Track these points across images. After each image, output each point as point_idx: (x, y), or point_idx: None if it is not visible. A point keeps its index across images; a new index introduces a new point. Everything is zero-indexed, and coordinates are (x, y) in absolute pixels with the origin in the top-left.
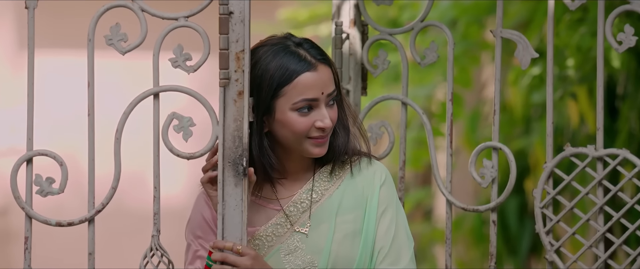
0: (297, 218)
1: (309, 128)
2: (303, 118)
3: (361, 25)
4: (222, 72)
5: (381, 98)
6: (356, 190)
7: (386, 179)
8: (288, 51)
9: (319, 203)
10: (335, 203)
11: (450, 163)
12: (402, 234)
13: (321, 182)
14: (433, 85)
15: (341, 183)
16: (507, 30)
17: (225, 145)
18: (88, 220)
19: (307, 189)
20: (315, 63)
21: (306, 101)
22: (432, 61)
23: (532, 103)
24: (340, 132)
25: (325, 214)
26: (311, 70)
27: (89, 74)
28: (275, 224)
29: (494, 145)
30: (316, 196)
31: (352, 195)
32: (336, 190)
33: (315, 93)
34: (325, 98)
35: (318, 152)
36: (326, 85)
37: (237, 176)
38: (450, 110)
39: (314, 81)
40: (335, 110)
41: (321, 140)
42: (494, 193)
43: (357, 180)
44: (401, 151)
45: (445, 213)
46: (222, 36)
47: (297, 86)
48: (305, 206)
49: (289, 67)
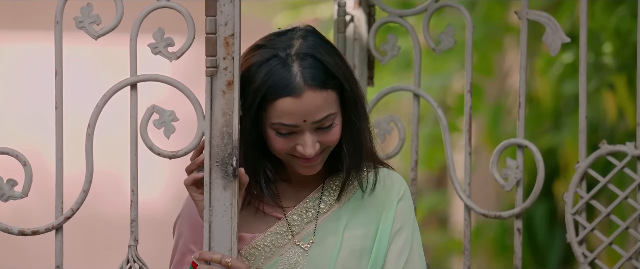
0: (300, 228)
1: (289, 149)
2: (281, 139)
3: (367, 6)
4: (209, 60)
5: (390, 89)
6: (370, 203)
7: (405, 194)
8: (280, 64)
9: (327, 215)
10: (345, 216)
11: (468, 163)
12: (415, 259)
13: (331, 191)
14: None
15: (354, 194)
16: (535, 12)
17: (212, 142)
18: (55, 227)
19: (315, 198)
20: (301, 88)
21: (283, 126)
22: (448, 47)
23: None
24: (349, 149)
25: (332, 227)
26: (293, 96)
27: (57, 61)
28: (275, 233)
29: (518, 143)
30: (324, 206)
31: (365, 210)
32: (348, 201)
33: (294, 120)
34: (310, 126)
35: (306, 171)
36: (310, 113)
37: (226, 178)
38: (468, 102)
39: (294, 108)
40: (334, 132)
41: (307, 162)
42: (519, 198)
43: (372, 193)
44: (413, 149)
45: (463, 220)
46: (208, 18)
47: (275, 108)
48: (311, 216)
49: (274, 84)
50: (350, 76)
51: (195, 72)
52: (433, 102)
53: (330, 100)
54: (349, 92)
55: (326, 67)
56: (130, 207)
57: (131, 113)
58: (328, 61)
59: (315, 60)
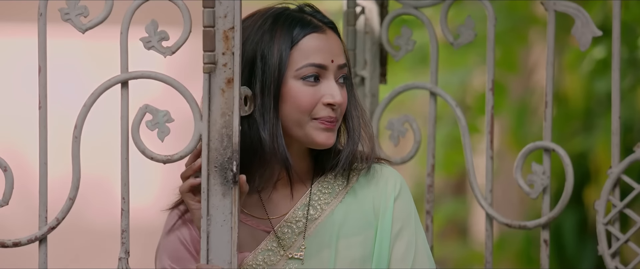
0: (291, 242)
1: (315, 103)
2: (309, 88)
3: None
4: (207, 55)
5: (405, 87)
6: (365, 204)
7: (401, 189)
8: (288, 15)
9: (318, 221)
10: (338, 222)
11: (490, 168)
12: (422, 258)
13: (320, 194)
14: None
15: (346, 195)
16: (563, 2)
17: (210, 145)
18: (39, 239)
19: (304, 204)
20: (322, 26)
21: (313, 67)
22: (468, 41)
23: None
24: (347, 134)
25: (325, 236)
26: (319, 32)
27: (40, 57)
28: (266, 250)
29: (545, 146)
30: (314, 212)
31: (360, 211)
32: (339, 204)
33: (323, 58)
34: (336, 71)
35: (324, 139)
36: (337, 55)
37: (226, 185)
38: (490, 101)
39: (322, 45)
40: (346, 92)
41: (329, 123)
42: (546, 206)
43: (365, 192)
44: (429, 153)
45: (485, 230)
46: (206, 10)
47: (302, 48)
48: (301, 225)
49: (292, 29)
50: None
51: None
52: (451, 101)
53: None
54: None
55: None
56: (120, 216)
57: (122, 114)
58: None
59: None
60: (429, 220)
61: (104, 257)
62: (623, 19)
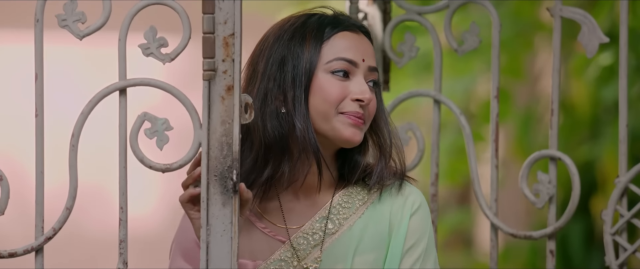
0: (306, 253)
1: (343, 97)
2: (338, 82)
3: (383, 3)
4: (207, 62)
5: (408, 94)
6: (382, 220)
7: (420, 207)
8: (320, 16)
9: (335, 236)
10: (355, 238)
11: (495, 177)
12: None
13: (340, 208)
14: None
15: (365, 210)
16: (569, 8)
17: (210, 154)
18: (35, 249)
19: (322, 217)
20: (354, 29)
21: (343, 61)
22: (473, 47)
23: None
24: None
25: (341, 251)
26: (351, 31)
27: (37, 64)
28: (280, 260)
29: (551, 154)
30: (332, 226)
31: (376, 228)
32: (358, 219)
33: (355, 55)
34: (366, 71)
35: (350, 134)
36: (368, 55)
37: (226, 194)
38: (495, 109)
39: (355, 43)
40: (376, 98)
41: (357, 118)
42: (552, 216)
43: (384, 208)
44: (433, 161)
45: (490, 240)
46: (206, 16)
47: (333, 44)
48: (318, 238)
49: (324, 27)
50: None
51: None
52: (455, 109)
53: (375, 56)
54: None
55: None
56: (118, 226)
57: (120, 122)
58: None
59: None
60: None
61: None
62: (630, 25)
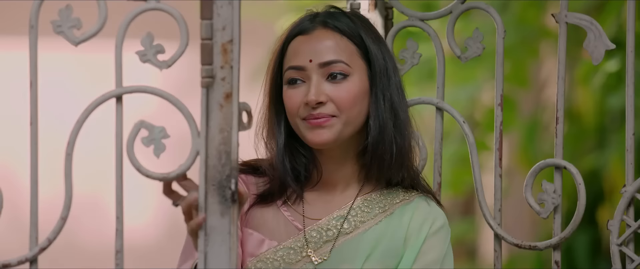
0: (317, 246)
1: (299, 104)
2: (293, 91)
3: (384, 9)
4: (205, 69)
5: (410, 102)
6: (398, 232)
7: (440, 229)
8: (306, 15)
9: (349, 237)
10: (369, 243)
11: (499, 187)
12: None
13: (359, 211)
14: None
15: (384, 219)
16: (575, 14)
17: (208, 162)
18: (30, 260)
19: (340, 216)
20: (313, 27)
21: (291, 70)
22: (476, 54)
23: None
24: (375, 126)
25: (352, 252)
26: (304, 34)
27: (31, 71)
28: (289, 248)
29: (556, 163)
30: (348, 226)
31: (392, 239)
32: (375, 225)
33: (300, 60)
34: (318, 69)
35: (312, 137)
36: (317, 52)
37: (224, 204)
38: (499, 117)
39: (302, 46)
40: (345, 87)
41: (313, 121)
42: (557, 226)
43: (402, 222)
44: (435, 170)
45: (494, 251)
46: (204, 22)
47: (287, 54)
48: (331, 235)
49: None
50: (386, 51)
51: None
52: (459, 117)
53: (346, 49)
54: (380, 60)
55: (351, 19)
56: (115, 236)
57: (116, 130)
58: (356, 19)
59: (341, 13)
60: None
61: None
62: (637, 30)
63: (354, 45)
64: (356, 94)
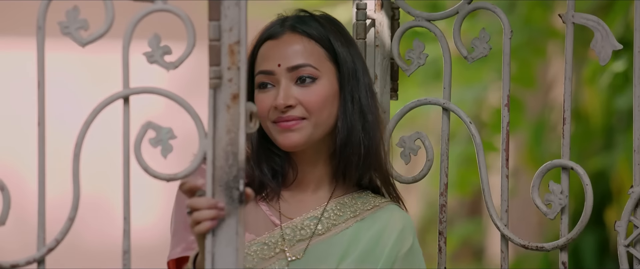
0: (291, 244)
1: (269, 108)
2: (263, 95)
3: (391, 9)
4: (213, 70)
5: (417, 102)
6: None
7: (413, 244)
8: (276, 20)
9: (322, 237)
10: (342, 246)
11: (506, 188)
12: None
13: (332, 213)
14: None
15: (355, 223)
16: (581, 14)
17: (215, 163)
18: (38, 260)
19: (314, 217)
20: (282, 32)
21: (260, 74)
22: (483, 55)
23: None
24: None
25: (324, 253)
26: (273, 38)
27: (39, 71)
28: (263, 243)
29: (563, 164)
30: (321, 228)
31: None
32: (346, 229)
33: (269, 64)
34: (287, 73)
35: (282, 140)
36: (286, 57)
37: (231, 204)
38: (506, 118)
39: (271, 51)
40: (315, 91)
41: (283, 124)
42: (564, 227)
43: (376, 228)
44: (442, 171)
45: (500, 252)
46: (212, 23)
47: (258, 58)
48: (304, 234)
49: (261, 34)
50: (355, 53)
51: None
52: (465, 118)
53: (314, 53)
54: (349, 63)
55: (321, 23)
56: (122, 237)
57: (124, 131)
58: (325, 23)
59: (311, 17)
60: (442, 241)
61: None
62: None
63: (322, 48)
64: (325, 97)
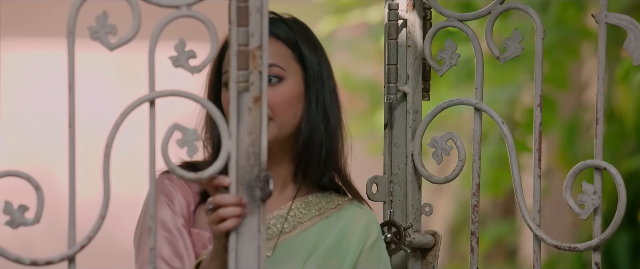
0: None
1: None
2: (227, 93)
3: (423, 9)
4: (241, 74)
5: (449, 103)
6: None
7: (377, 238)
8: None
9: (289, 235)
10: (309, 243)
11: (539, 188)
12: None
13: (297, 211)
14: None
15: (320, 221)
16: (615, 14)
17: (238, 163)
18: (70, 257)
19: (280, 215)
20: None
21: (225, 74)
22: (515, 55)
23: None
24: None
25: (292, 250)
26: None
27: (70, 75)
28: None
29: (596, 165)
30: (287, 226)
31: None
32: (311, 227)
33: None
34: None
35: None
36: None
37: (253, 203)
38: (538, 118)
39: None
40: (279, 91)
41: None
42: (597, 227)
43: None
44: (474, 172)
45: (533, 252)
46: (241, 29)
47: (225, 58)
48: (271, 233)
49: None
50: (322, 56)
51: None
52: (497, 118)
53: (281, 54)
54: (315, 65)
55: (288, 25)
56: (148, 234)
57: (150, 133)
58: (293, 25)
59: (279, 19)
60: (474, 241)
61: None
62: None
63: (289, 49)
64: (290, 97)
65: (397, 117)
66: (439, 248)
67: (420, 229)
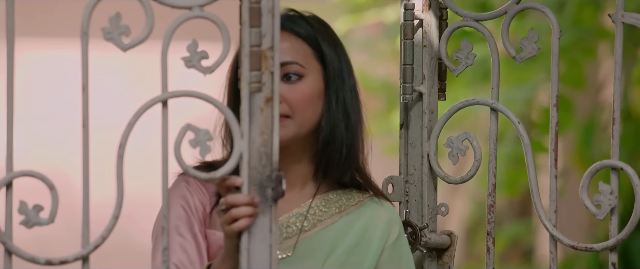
0: (280, 241)
1: None
2: None
3: (439, 9)
4: (254, 75)
5: (465, 103)
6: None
7: (399, 235)
8: None
9: (309, 234)
10: (329, 241)
11: (555, 188)
12: None
13: (317, 209)
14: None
15: (340, 219)
16: (631, 14)
17: (250, 164)
18: (84, 256)
19: (300, 214)
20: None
21: None
22: (532, 55)
23: None
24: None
25: (312, 249)
26: None
27: (83, 76)
28: None
29: (613, 165)
30: (307, 225)
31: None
32: (332, 225)
33: None
34: None
35: None
36: None
37: (265, 203)
38: (554, 118)
39: None
40: (299, 88)
41: None
42: (614, 228)
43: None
44: (490, 172)
45: (549, 253)
46: (253, 30)
47: None
48: (291, 232)
49: None
50: (342, 54)
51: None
52: (513, 118)
53: (301, 51)
54: (335, 63)
55: (309, 23)
56: (162, 233)
57: (163, 133)
58: (313, 22)
59: (299, 16)
60: (490, 242)
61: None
62: None
63: (310, 47)
64: (310, 95)
65: (413, 117)
66: (454, 248)
67: (436, 229)
